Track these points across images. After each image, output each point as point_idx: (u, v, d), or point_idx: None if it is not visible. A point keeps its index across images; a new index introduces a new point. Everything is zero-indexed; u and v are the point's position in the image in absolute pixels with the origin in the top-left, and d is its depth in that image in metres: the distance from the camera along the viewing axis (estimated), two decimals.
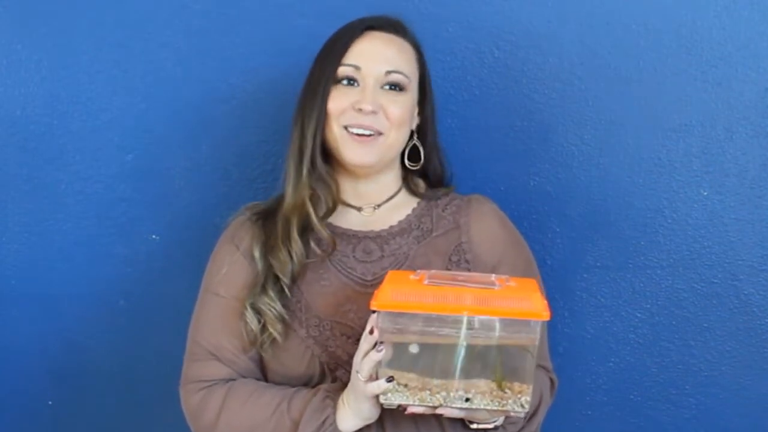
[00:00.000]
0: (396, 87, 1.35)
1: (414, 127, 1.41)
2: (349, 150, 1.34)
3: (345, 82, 1.34)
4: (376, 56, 1.34)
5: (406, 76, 1.36)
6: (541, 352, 1.38)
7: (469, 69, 1.61)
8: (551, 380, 1.41)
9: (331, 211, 1.37)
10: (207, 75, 1.64)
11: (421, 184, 1.45)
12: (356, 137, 1.33)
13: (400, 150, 1.40)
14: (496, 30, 1.60)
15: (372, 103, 1.32)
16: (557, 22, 1.59)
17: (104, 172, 1.67)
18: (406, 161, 1.42)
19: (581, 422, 1.71)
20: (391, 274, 1.24)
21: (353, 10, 1.42)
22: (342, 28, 1.38)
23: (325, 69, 1.34)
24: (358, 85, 1.34)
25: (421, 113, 1.42)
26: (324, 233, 1.34)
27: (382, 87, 1.34)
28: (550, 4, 1.59)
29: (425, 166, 1.44)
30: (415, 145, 1.41)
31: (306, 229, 1.35)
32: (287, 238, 1.34)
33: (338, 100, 1.33)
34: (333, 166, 1.39)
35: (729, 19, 1.56)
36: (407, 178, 1.45)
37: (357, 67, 1.34)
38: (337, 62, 1.34)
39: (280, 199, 1.38)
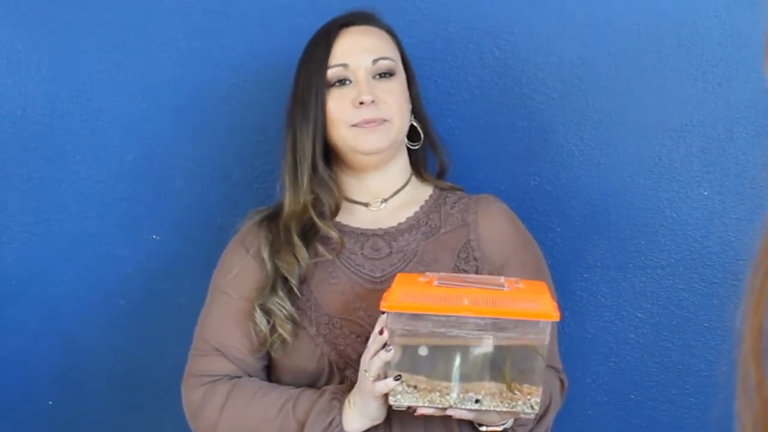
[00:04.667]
0: (386, 74, 1.37)
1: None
2: (361, 142, 1.35)
3: (337, 83, 1.36)
4: (359, 49, 1.37)
5: (392, 60, 1.38)
6: (551, 353, 1.39)
7: (469, 69, 1.61)
8: (561, 381, 1.41)
9: (334, 213, 1.37)
10: (207, 75, 1.64)
11: (430, 176, 1.47)
12: (366, 126, 1.34)
13: (406, 133, 1.41)
14: (496, 30, 1.60)
15: (370, 93, 1.34)
16: (557, 22, 1.59)
17: (104, 172, 1.67)
18: (407, 142, 1.43)
19: (581, 422, 1.71)
20: (400, 276, 1.25)
21: (353, 9, 1.42)
22: (317, 34, 1.40)
23: (312, 75, 1.36)
24: (350, 82, 1.36)
25: (410, 94, 1.43)
26: (333, 234, 1.35)
27: (373, 77, 1.36)
28: (550, 4, 1.59)
29: (427, 148, 1.46)
30: (412, 126, 1.43)
31: (311, 232, 1.36)
32: (290, 243, 1.35)
33: (338, 103, 1.35)
34: (338, 165, 1.40)
35: (729, 19, 1.56)
36: (416, 165, 1.46)
37: (345, 65, 1.36)
38: (324, 66, 1.35)
39: (284, 205, 1.39)
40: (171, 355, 1.47)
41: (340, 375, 1.32)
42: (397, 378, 1.18)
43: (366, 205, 1.42)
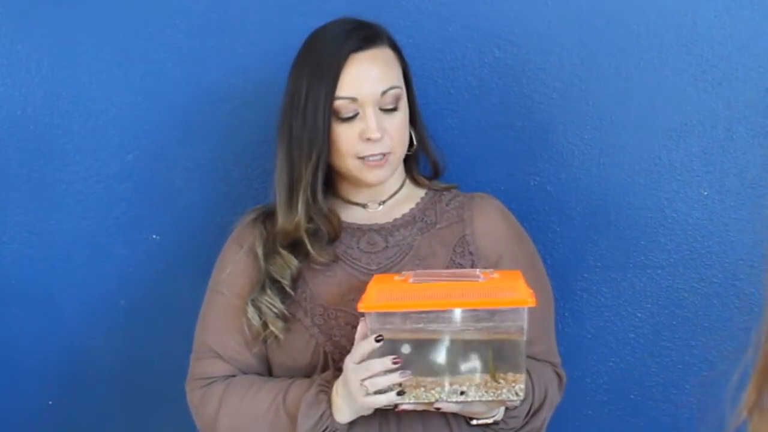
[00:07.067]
0: (393, 105, 1.35)
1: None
2: (365, 175, 1.35)
3: (345, 117, 1.33)
4: (367, 81, 1.33)
5: (399, 87, 1.36)
6: (546, 347, 1.41)
7: (469, 69, 1.61)
8: (558, 375, 1.42)
9: (333, 239, 1.38)
10: (207, 75, 1.64)
11: (423, 179, 1.47)
12: (370, 162, 1.34)
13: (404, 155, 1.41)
14: (496, 30, 1.60)
15: (378, 130, 1.32)
16: (557, 22, 1.59)
17: (104, 172, 1.67)
18: None
19: (581, 422, 1.71)
20: (376, 278, 1.27)
21: (353, 10, 1.42)
22: (322, 51, 1.35)
23: (319, 101, 1.32)
24: (358, 114, 1.34)
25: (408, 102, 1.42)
26: (323, 259, 1.35)
27: (380, 108, 1.34)
28: (550, 4, 1.59)
29: (421, 152, 1.46)
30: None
31: (301, 247, 1.36)
32: (278, 253, 1.36)
33: (345, 136, 1.33)
34: (338, 173, 1.40)
35: (729, 19, 1.56)
36: (410, 169, 1.46)
37: (353, 99, 1.33)
38: (331, 96, 1.32)
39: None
40: (171, 355, 1.47)
41: (335, 367, 1.33)
42: (400, 393, 1.19)
43: (364, 206, 1.43)
